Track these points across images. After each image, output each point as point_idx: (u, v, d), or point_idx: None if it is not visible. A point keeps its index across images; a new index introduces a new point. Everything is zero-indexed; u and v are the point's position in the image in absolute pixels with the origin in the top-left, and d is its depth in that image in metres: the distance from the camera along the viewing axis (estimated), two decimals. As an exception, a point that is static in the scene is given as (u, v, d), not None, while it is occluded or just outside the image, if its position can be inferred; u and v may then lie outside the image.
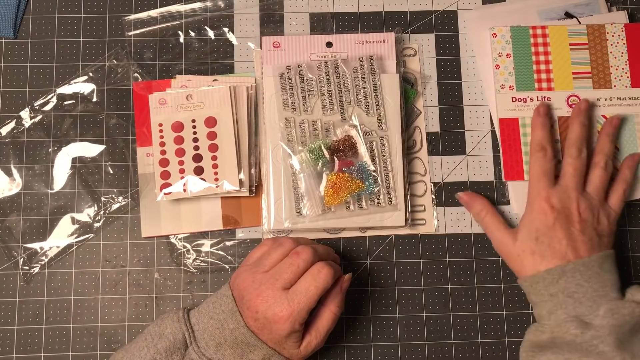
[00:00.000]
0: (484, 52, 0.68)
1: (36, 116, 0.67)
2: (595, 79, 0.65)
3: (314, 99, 0.66)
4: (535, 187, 0.60)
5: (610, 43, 0.66)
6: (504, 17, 0.68)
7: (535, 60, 0.66)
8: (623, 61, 0.66)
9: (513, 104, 0.65)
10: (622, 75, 0.65)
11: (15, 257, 0.65)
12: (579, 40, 0.66)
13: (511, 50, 0.66)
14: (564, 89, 0.65)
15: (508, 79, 0.66)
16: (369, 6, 0.71)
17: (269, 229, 0.65)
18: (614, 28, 0.66)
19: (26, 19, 0.69)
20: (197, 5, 0.70)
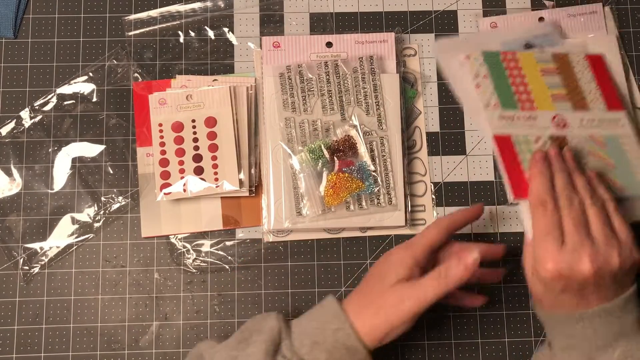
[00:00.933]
0: (458, 79, 0.64)
1: (36, 116, 0.67)
2: (573, 100, 0.63)
3: (314, 99, 0.66)
4: (540, 249, 0.53)
5: (577, 70, 0.64)
6: (470, 48, 0.64)
7: (512, 82, 0.63)
8: (593, 86, 0.64)
9: (501, 122, 0.61)
10: (596, 99, 0.63)
11: (15, 257, 0.65)
12: (548, 66, 0.64)
13: (487, 72, 0.63)
14: (548, 109, 0.62)
15: (492, 97, 0.62)
16: (369, 6, 0.71)
17: (269, 229, 0.65)
18: (577, 57, 0.65)
19: (26, 19, 0.69)
20: (197, 5, 0.70)
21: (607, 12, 0.70)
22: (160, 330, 0.64)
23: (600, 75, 0.64)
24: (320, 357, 0.52)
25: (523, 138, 0.60)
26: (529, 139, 0.60)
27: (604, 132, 0.62)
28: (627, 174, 0.61)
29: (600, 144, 0.61)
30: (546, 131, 0.61)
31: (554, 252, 0.52)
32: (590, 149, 0.61)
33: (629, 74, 0.69)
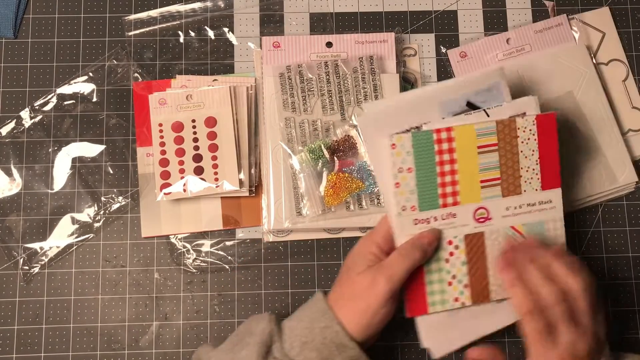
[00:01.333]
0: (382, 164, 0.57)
1: (36, 116, 0.67)
2: (505, 185, 0.58)
3: (314, 99, 0.66)
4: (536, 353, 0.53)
5: (521, 140, 0.58)
6: (403, 115, 0.57)
7: (440, 171, 0.56)
8: (534, 160, 0.58)
9: (416, 227, 0.56)
10: (532, 178, 0.58)
11: (15, 257, 0.65)
12: (488, 140, 0.57)
13: (413, 163, 0.56)
14: (471, 202, 0.57)
15: (410, 199, 0.56)
16: (369, 6, 0.71)
17: (269, 229, 0.65)
18: (525, 122, 0.57)
19: (26, 19, 0.69)
20: (197, 5, 0.70)
21: (575, 23, 0.70)
22: (160, 330, 0.64)
23: (546, 143, 0.58)
24: (310, 357, 0.53)
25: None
26: (439, 244, 0.57)
27: (529, 220, 0.58)
28: None
29: (521, 235, 0.58)
30: (463, 229, 0.57)
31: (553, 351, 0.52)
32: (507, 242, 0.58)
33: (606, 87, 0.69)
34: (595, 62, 0.70)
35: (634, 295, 0.67)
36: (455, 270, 0.57)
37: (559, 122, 0.59)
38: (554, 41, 0.69)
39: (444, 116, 0.57)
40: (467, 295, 0.57)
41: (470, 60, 0.69)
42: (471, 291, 0.58)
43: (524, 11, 0.71)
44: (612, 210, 0.68)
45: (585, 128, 0.68)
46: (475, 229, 0.57)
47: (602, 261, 0.67)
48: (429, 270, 0.57)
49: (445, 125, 0.57)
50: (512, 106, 0.58)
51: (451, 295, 0.57)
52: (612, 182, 0.67)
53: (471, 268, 0.58)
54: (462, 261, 0.57)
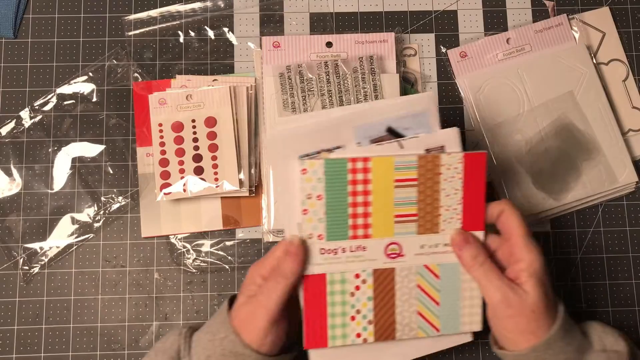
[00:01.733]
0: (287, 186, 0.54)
1: (36, 116, 0.67)
2: (421, 222, 0.54)
3: (314, 99, 0.66)
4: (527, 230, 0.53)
5: (444, 178, 0.54)
6: (315, 136, 0.54)
7: (352, 202, 0.53)
8: (456, 200, 0.54)
9: (321, 256, 0.53)
10: (452, 217, 0.54)
11: (15, 257, 0.65)
12: (407, 175, 0.53)
13: (323, 191, 0.52)
14: (384, 236, 0.54)
15: (317, 227, 0.53)
16: (369, 6, 0.71)
17: (269, 229, 0.65)
18: (451, 159, 0.53)
19: (26, 19, 0.69)
20: (197, 5, 0.70)
21: (575, 23, 0.70)
22: (160, 330, 0.64)
23: (473, 183, 0.54)
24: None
25: (340, 277, 0.54)
26: (346, 277, 0.54)
27: (444, 260, 0.55)
28: (450, 311, 0.56)
29: (434, 276, 0.55)
30: (373, 264, 0.54)
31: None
32: (420, 281, 0.55)
33: (606, 86, 0.69)
34: (596, 62, 0.70)
35: (634, 295, 0.67)
36: (360, 305, 0.54)
37: (559, 123, 0.59)
38: (554, 41, 0.69)
39: (360, 141, 0.54)
40: (370, 332, 0.54)
41: (470, 60, 0.69)
42: (375, 328, 0.55)
43: (524, 11, 0.71)
44: (612, 210, 0.68)
45: (585, 128, 0.68)
46: (385, 264, 0.54)
47: (602, 261, 0.67)
48: (332, 303, 0.54)
49: (362, 155, 0.53)
50: (429, 138, 0.54)
51: (353, 330, 0.54)
52: (612, 182, 0.67)
53: (377, 304, 0.54)
54: (368, 296, 0.54)
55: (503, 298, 0.51)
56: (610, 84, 0.70)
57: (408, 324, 0.55)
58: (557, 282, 0.66)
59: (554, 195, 0.67)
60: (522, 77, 0.68)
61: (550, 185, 0.67)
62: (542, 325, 0.51)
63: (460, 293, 0.56)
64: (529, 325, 0.51)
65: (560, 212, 0.67)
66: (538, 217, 0.66)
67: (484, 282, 0.53)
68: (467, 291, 0.56)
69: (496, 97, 0.68)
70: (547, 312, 0.51)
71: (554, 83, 0.68)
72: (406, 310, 0.55)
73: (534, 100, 0.68)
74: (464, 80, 0.68)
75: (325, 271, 0.54)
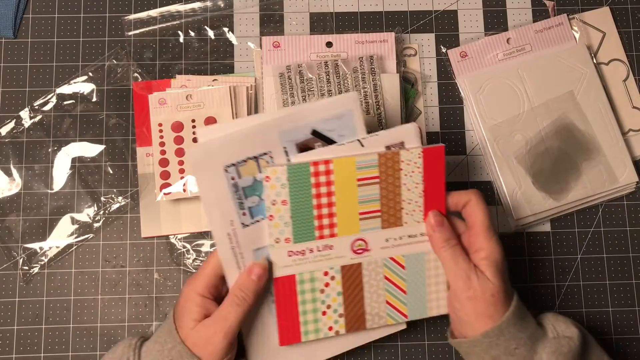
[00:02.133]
0: (214, 196, 0.54)
1: (36, 116, 0.67)
2: (385, 217, 0.56)
3: (314, 99, 0.66)
4: (489, 222, 0.55)
5: (405, 173, 0.55)
6: (241, 145, 0.53)
7: (317, 204, 0.54)
8: (417, 193, 0.56)
9: (290, 258, 0.55)
10: (414, 210, 0.56)
11: (15, 257, 0.65)
12: (369, 173, 0.55)
13: (288, 196, 0.54)
14: (349, 234, 0.56)
15: (284, 231, 0.54)
16: (369, 6, 0.71)
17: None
18: (410, 155, 0.55)
19: (26, 19, 0.69)
20: (197, 5, 0.70)
21: (575, 23, 0.70)
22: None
23: (432, 175, 0.56)
24: None
25: (309, 276, 0.56)
26: (315, 276, 0.56)
27: (409, 251, 0.57)
28: (417, 298, 0.58)
29: (400, 266, 0.58)
30: (340, 261, 0.56)
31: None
32: (386, 273, 0.57)
33: (606, 85, 0.69)
34: (596, 62, 0.70)
35: (634, 295, 0.67)
36: (330, 300, 0.57)
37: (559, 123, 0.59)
38: (554, 41, 0.69)
39: (286, 145, 0.54)
40: (341, 324, 0.57)
41: (471, 60, 0.69)
42: (346, 320, 0.57)
43: (524, 11, 0.71)
44: (612, 210, 0.68)
45: (586, 128, 0.68)
46: (352, 260, 0.56)
47: (602, 261, 0.67)
48: (303, 301, 0.56)
49: (324, 157, 0.54)
50: (389, 135, 0.55)
51: (325, 325, 0.57)
52: (613, 182, 0.67)
53: (347, 298, 0.57)
54: (337, 292, 0.57)
55: (466, 279, 0.54)
56: (611, 84, 0.70)
57: (377, 313, 0.58)
58: (557, 282, 0.66)
59: (554, 195, 0.66)
60: (522, 77, 0.68)
61: (550, 185, 0.67)
62: (499, 310, 0.53)
63: (426, 280, 0.58)
64: (487, 309, 0.53)
65: (561, 212, 0.67)
66: (538, 217, 0.66)
67: (450, 263, 0.55)
68: (432, 278, 0.58)
69: (496, 97, 0.68)
70: (504, 298, 0.54)
71: (554, 83, 0.68)
72: (375, 301, 0.58)
73: (534, 100, 0.68)
74: (464, 80, 0.68)
75: (294, 272, 0.56)
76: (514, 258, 0.67)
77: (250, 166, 0.54)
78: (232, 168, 0.54)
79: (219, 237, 0.54)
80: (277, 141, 0.54)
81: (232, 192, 0.54)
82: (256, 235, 0.55)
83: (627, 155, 0.67)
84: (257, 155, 0.54)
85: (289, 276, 0.56)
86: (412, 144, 0.56)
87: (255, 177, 0.54)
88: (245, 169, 0.54)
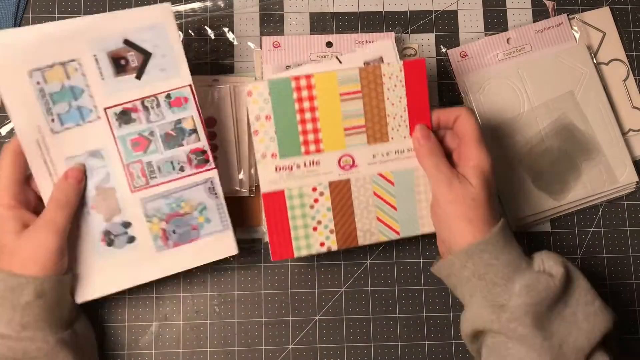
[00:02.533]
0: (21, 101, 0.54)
1: (36, 116, 0.67)
2: (370, 132, 0.57)
3: None
4: (480, 134, 0.56)
5: (387, 87, 0.56)
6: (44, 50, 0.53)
7: (301, 119, 0.56)
8: (401, 108, 0.57)
9: (277, 174, 0.57)
10: (400, 125, 0.57)
11: (15, 257, 0.65)
12: (351, 88, 0.56)
13: (271, 111, 0.56)
14: (335, 149, 0.57)
15: (270, 146, 0.56)
16: (369, 6, 0.71)
17: (269, 229, 0.65)
18: (391, 69, 0.56)
19: (26, 19, 0.69)
20: (197, 5, 0.70)
21: (576, 23, 0.70)
22: (160, 330, 0.64)
23: (415, 90, 0.57)
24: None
25: (297, 191, 0.58)
26: (303, 191, 0.58)
27: (397, 167, 0.58)
28: (408, 215, 0.59)
29: (389, 183, 0.59)
30: (328, 177, 0.58)
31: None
32: (375, 189, 0.58)
33: (606, 85, 0.69)
34: (596, 62, 0.70)
35: (634, 295, 0.67)
36: (320, 216, 0.58)
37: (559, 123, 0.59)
38: (554, 41, 0.69)
39: (96, 54, 0.55)
40: (333, 240, 0.59)
41: (471, 59, 0.69)
42: (337, 236, 0.59)
43: (524, 11, 0.71)
44: (613, 210, 0.68)
45: (586, 128, 0.68)
46: (340, 176, 0.58)
47: (602, 261, 0.67)
48: (293, 216, 0.58)
49: (305, 73, 0.56)
50: (365, 51, 0.57)
51: (317, 240, 0.58)
52: (613, 182, 0.67)
53: (337, 214, 0.58)
54: (327, 207, 0.58)
55: (448, 183, 0.54)
56: (611, 84, 0.70)
57: (369, 229, 0.59)
58: (557, 282, 0.66)
59: (554, 195, 0.66)
60: (522, 77, 0.68)
61: (550, 185, 0.67)
62: (480, 216, 0.53)
63: (416, 196, 0.59)
64: (467, 212, 0.53)
65: (561, 212, 0.67)
66: (538, 217, 0.66)
67: (433, 170, 0.56)
68: (422, 194, 0.59)
69: (496, 97, 0.68)
70: (487, 208, 0.54)
71: (554, 83, 0.68)
72: (366, 217, 0.59)
73: (534, 100, 0.68)
74: (464, 80, 0.68)
75: (282, 187, 0.57)
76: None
77: (58, 71, 0.54)
78: (38, 73, 0.54)
79: (27, 144, 0.54)
80: (85, 49, 0.55)
81: (38, 97, 0.54)
82: (68, 143, 0.56)
83: (627, 155, 0.67)
84: (65, 61, 0.54)
85: (277, 192, 0.57)
86: (390, 59, 0.57)
87: (63, 83, 0.55)
88: (51, 74, 0.54)
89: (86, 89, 0.56)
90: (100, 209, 0.57)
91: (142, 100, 0.57)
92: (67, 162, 0.56)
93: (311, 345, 0.64)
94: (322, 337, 0.65)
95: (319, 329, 0.65)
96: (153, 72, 0.57)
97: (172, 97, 0.58)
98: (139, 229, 0.58)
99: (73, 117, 0.55)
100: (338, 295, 0.65)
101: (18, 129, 0.54)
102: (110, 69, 0.56)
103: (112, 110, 0.57)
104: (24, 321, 0.52)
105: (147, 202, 0.58)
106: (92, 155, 0.57)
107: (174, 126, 0.58)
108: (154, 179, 0.58)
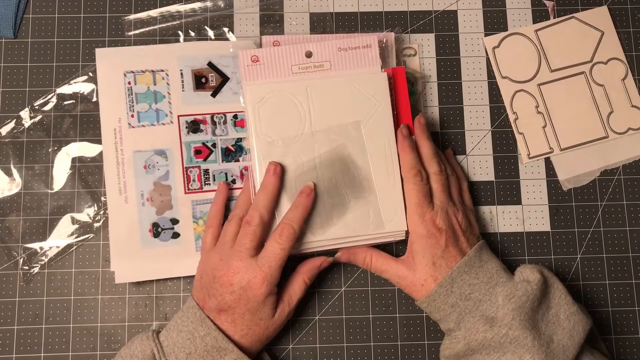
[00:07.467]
0: (107, 96, 0.64)
1: (36, 116, 0.67)
2: None
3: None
4: (417, 212, 0.59)
5: None
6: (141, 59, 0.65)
7: None
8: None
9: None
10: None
11: (15, 257, 0.65)
12: None
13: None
14: None
15: None
16: (369, 6, 0.71)
17: (269, 229, 0.65)
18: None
19: (26, 19, 0.69)
20: (197, 5, 0.70)
21: (574, 22, 0.70)
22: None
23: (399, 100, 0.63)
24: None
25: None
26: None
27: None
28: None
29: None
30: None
31: (430, 210, 0.59)
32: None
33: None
34: (594, 61, 0.70)
35: (634, 295, 0.67)
36: None
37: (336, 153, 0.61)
38: (357, 63, 0.63)
39: (182, 68, 0.65)
40: None
41: (262, 66, 0.62)
42: None
43: (524, 11, 0.71)
44: (612, 210, 0.68)
45: (363, 164, 0.61)
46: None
47: (602, 261, 0.67)
48: None
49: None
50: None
51: None
52: (378, 227, 0.61)
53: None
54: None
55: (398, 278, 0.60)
56: (609, 83, 0.70)
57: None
58: (557, 281, 0.67)
59: (312, 229, 0.60)
60: (310, 96, 0.61)
61: (311, 218, 0.60)
62: (442, 266, 0.59)
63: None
64: (420, 292, 0.59)
65: (315, 248, 0.61)
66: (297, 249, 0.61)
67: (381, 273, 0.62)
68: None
69: (277, 112, 0.61)
70: (437, 271, 0.58)
71: (342, 109, 0.62)
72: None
73: (316, 124, 0.61)
74: (247, 87, 0.61)
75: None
76: (514, 258, 0.67)
77: (147, 77, 0.64)
78: (131, 74, 0.64)
79: (106, 130, 0.64)
80: (175, 63, 0.65)
81: (125, 94, 0.64)
82: (139, 138, 0.64)
83: (401, 202, 0.61)
84: (155, 69, 0.65)
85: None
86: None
87: (149, 87, 0.64)
88: (141, 78, 0.64)
89: (167, 96, 0.64)
90: (155, 203, 0.63)
91: (212, 115, 0.65)
92: (135, 155, 0.63)
93: (311, 345, 0.64)
94: (322, 337, 0.65)
95: (319, 328, 0.65)
96: (226, 94, 0.65)
97: (238, 118, 0.65)
98: (184, 227, 0.63)
99: (150, 117, 0.64)
100: (338, 295, 0.65)
101: (103, 114, 0.64)
102: (192, 83, 0.65)
103: (185, 119, 0.64)
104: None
105: (197, 205, 0.63)
106: (158, 153, 0.63)
107: (234, 143, 0.65)
108: (207, 185, 0.64)
